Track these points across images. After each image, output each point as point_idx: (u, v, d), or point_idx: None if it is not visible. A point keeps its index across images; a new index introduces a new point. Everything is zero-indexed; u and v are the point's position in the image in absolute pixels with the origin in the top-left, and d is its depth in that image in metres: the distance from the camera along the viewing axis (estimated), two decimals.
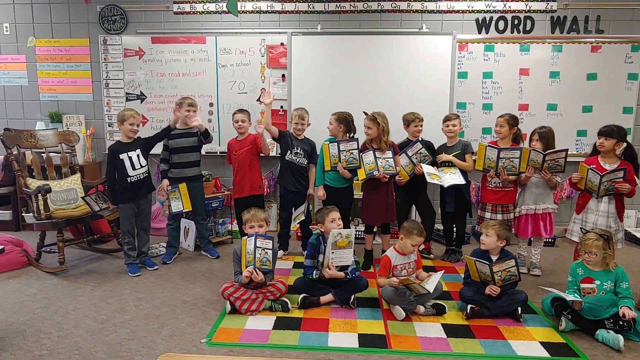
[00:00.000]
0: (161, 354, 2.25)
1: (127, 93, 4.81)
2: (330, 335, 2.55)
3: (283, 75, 4.61)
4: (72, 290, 3.19)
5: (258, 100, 4.69)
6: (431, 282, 2.73)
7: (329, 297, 2.94)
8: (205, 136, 3.77)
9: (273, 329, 2.62)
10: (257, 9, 4.62)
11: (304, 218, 3.77)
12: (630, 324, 2.50)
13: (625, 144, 3.14)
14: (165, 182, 3.77)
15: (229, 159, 3.97)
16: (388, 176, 3.46)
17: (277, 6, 4.60)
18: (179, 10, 4.69)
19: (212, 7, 4.64)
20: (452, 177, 3.57)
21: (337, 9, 4.56)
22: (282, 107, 4.66)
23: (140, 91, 4.80)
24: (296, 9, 4.59)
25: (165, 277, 3.45)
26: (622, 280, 2.64)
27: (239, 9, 3.78)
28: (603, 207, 3.13)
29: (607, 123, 3.19)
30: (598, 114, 4.41)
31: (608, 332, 2.50)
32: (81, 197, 3.70)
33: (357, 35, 4.44)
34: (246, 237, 2.90)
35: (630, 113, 4.45)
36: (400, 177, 3.58)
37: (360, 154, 3.46)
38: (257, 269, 2.81)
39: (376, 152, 3.46)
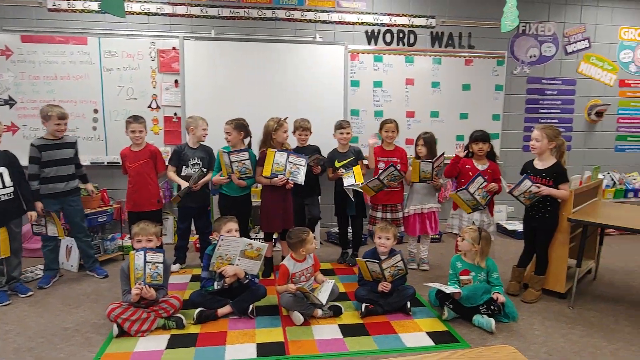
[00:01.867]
0: None
1: None
2: (228, 348, 2.49)
3: (176, 81, 4.42)
4: None
5: (149, 106, 4.44)
6: (324, 292, 2.82)
7: (226, 309, 2.87)
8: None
9: (166, 348, 2.49)
10: (145, 11, 4.37)
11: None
12: (500, 308, 2.81)
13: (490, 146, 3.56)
14: (39, 205, 3.30)
15: (125, 170, 3.68)
16: (292, 184, 3.49)
17: (168, 9, 4.40)
18: (55, 7, 4.25)
19: (93, 5, 4.28)
20: (348, 181, 3.68)
21: (231, 15, 4.50)
22: (175, 114, 4.46)
23: (9, 95, 4.24)
24: (188, 13, 4.43)
25: (41, 304, 3.09)
26: (492, 271, 2.96)
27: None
28: None
29: (480, 129, 3.57)
30: (473, 120, 4.91)
31: (482, 316, 2.79)
32: None
33: (252, 42, 4.42)
34: (134, 251, 2.71)
35: (498, 120, 5.04)
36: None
37: (276, 151, 3.42)
38: (147, 285, 2.65)
39: (290, 157, 3.44)
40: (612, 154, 5.46)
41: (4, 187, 3.09)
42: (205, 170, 3.67)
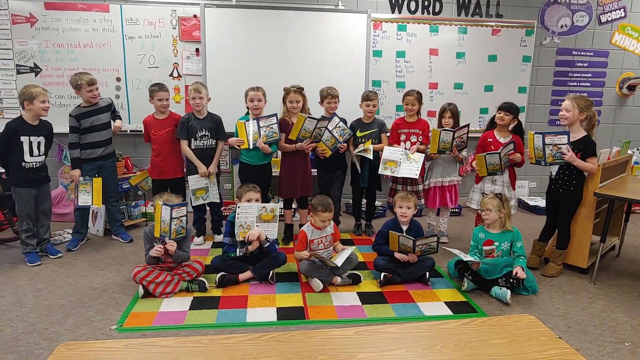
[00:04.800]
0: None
1: (17, 65, 4.29)
2: (249, 311, 2.55)
3: (197, 50, 4.40)
4: None
5: (170, 75, 4.44)
6: (340, 257, 2.83)
7: (247, 274, 2.93)
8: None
9: (190, 309, 2.57)
10: None
11: (206, 197, 3.62)
12: (519, 281, 2.80)
13: (517, 122, 3.46)
14: (77, 173, 3.46)
15: (147, 138, 3.69)
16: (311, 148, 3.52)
17: None
18: None
19: None
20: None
21: None
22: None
23: (34, 63, 4.30)
24: None
25: (70, 265, 3.21)
26: (517, 240, 2.94)
27: None
28: (498, 177, 3.43)
29: (507, 101, 3.46)
30: (498, 93, 4.77)
31: (500, 288, 2.78)
32: None
33: (274, 10, 4.35)
34: (162, 204, 2.73)
35: (525, 92, 4.89)
36: (321, 150, 3.60)
37: (307, 117, 3.39)
38: (170, 240, 2.72)
39: (319, 123, 3.43)
40: None
41: (39, 154, 3.22)
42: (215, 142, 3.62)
